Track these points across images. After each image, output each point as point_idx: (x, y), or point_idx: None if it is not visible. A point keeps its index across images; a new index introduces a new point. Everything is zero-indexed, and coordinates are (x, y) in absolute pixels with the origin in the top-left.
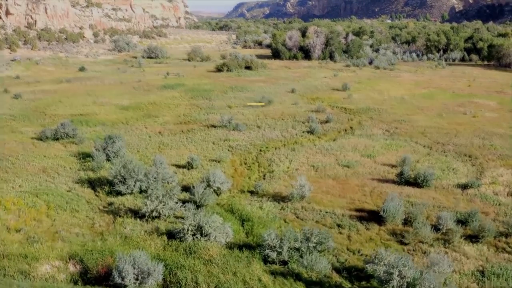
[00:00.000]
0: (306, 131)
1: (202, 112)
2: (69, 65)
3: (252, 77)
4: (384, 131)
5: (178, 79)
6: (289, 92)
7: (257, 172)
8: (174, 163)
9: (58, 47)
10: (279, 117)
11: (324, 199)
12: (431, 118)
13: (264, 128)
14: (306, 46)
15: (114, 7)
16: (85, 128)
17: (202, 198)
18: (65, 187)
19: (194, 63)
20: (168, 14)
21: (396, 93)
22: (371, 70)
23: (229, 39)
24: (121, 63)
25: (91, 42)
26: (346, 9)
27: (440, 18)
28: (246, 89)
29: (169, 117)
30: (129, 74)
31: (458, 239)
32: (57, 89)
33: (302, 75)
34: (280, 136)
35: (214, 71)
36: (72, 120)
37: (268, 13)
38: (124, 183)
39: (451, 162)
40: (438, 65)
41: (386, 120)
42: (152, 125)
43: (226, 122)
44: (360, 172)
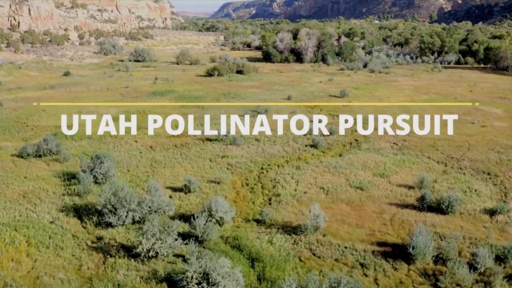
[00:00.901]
0: (309, 145)
1: (196, 122)
2: (53, 69)
3: (244, 82)
4: (392, 144)
5: (167, 84)
6: (285, 99)
7: (262, 196)
8: (169, 185)
9: (42, 50)
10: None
11: (341, 230)
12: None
13: (264, 141)
14: (298, 48)
15: (99, 8)
16: (70, 142)
17: (204, 232)
18: (48, 217)
19: (183, 67)
20: (154, 14)
21: (396, 100)
22: (366, 74)
23: (217, 40)
24: (107, 66)
25: (76, 44)
26: (333, 9)
27: (428, 18)
28: (239, 95)
29: (160, 128)
30: (116, 79)
31: (500, 281)
32: (40, 96)
33: (296, 79)
34: (282, 151)
35: (204, 76)
36: (56, 133)
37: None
38: (114, 213)
39: (471, 182)
40: (434, 69)
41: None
42: (142, 138)
43: (223, 135)
44: (375, 196)
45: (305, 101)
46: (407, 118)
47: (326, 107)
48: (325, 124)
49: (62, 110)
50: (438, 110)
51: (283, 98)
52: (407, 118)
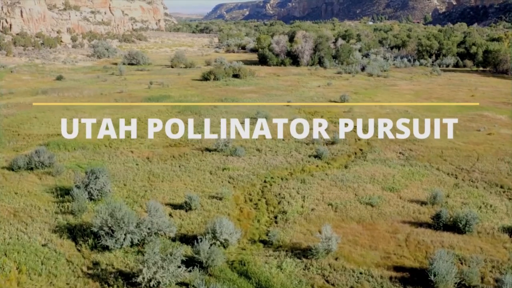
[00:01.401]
0: (313, 155)
1: (193, 131)
2: (45, 73)
3: (241, 86)
4: (398, 154)
5: (162, 89)
6: (285, 106)
7: (267, 213)
8: (168, 201)
9: (35, 53)
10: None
11: (354, 253)
12: (444, 137)
13: (265, 151)
14: (295, 51)
15: (92, 10)
16: (63, 153)
17: (209, 257)
18: (40, 239)
19: (178, 70)
20: (148, 16)
21: (397, 105)
22: (365, 77)
23: (211, 42)
24: (101, 70)
25: (69, 47)
26: (327, 11)
27: (423, 20)
28: (237, 101)
29: (157, 137)
30: (109, 84)
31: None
32: (32, 101)
33: (293, 83)
34: (285, 162)
35: (200, 80)
36: (48, 143)
37: (247, 15)
38: (111, 235)
39: (485, 197)
40: (433, 72)
41: (397, 140)
42: (138, 147)
43: (222, 145)
44: (386, 213)
45: (305, 107)
46: (407, 122)
47: (327, 113)
48: (327, 131)
49: (54, 118)
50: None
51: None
52: (407, 122)
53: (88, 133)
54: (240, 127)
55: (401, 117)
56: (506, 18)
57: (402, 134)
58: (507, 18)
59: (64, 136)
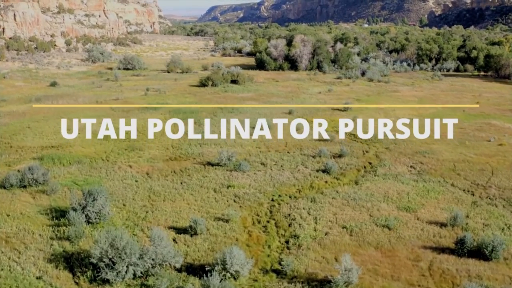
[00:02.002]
0: (321, 169)
1: (193, 143)
2: (39, 78)
3: (240, 93)
4: (409, 168)
5: (159, 96)
6: (287, 114)
7: (277, 237)
8: (171, 224)
9: (28, 57)
10: (283, 149)
11: (375, 285)
12: (454, 148)
13: (271, 166)
14: (293, 56)
15: (87, 13)
16: (58, 168)
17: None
18: (35, 271)
19: (174, 75)
20: (142, 19)
21: (402, 113)
22: (365, 83)
23: (207, 45)
24: (96, 75)
25: (63, 51)
26: (322, 13)
27: (418, 22)
28: (237, 109)
29: (156, 150)
30: (105, 90)
31: None
32: (25, 110)
33: (293, 90)
34: (292, 178)
35: (197, 86)
36: (42, 156)
37: (242, 17)
38: (112, 267)
39: (506, 217)
40: (434, 77)
41: (406, 152)
42: (137, 161)
43: (226, 159)
44: (405, 237)
45: (308, 115)
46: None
47: (331, 123)
48: (334, 143)
49: (49, 128)
50: None
51: (284, 112)
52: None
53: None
54: (243, 136)
55: (406, 125)
56: (502, 20)
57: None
58: (504, 20)
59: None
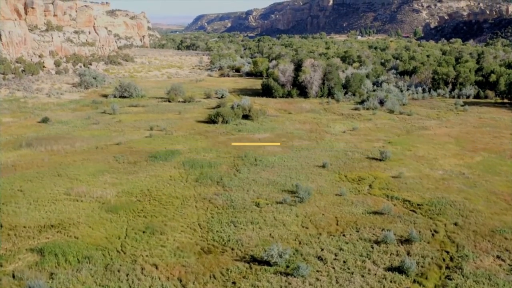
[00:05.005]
0: (394, 267)
1: (224, 219)
2: (28, 110)
3: (256, 133)
4: (497, 260)
5: (166, 138)
6: (319, 167)
7: None
8: None
9: (15, 82)
10: (336, 229)
11: None
12: None
13: (331, 263)
14: (302, 81)
15: (76, 30)
16: (64, 270)
17: None
18: None
19: (177, 106)
20: (132, 32)
21: (447, 163)
22: (387, 115)
23: (201, 62)
24: (90, 105)
25: (53, 73)
26: (313, 24)
27: (413, 34)
28: (261, 161)
29: (182, 232)
30: (103, 128)
31: None
32: (15, 161)
33: (313, 127)
34: (365, 285)
35: (205, 122)
36: (43, 249)
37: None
38: None
39: None
40: (457, 106)
41: (481, 230)
42: (162, 255)
43: (276, 256)
44: None
45: (343, 168)
46: (462, 183)
47: (375, 181)
48: (393, 217)
49: (45, 192)
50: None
51: (316, 165)
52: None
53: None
54: (282, 210)
55: (461, 183)
56: (502, 34)
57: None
58: (503, 34)
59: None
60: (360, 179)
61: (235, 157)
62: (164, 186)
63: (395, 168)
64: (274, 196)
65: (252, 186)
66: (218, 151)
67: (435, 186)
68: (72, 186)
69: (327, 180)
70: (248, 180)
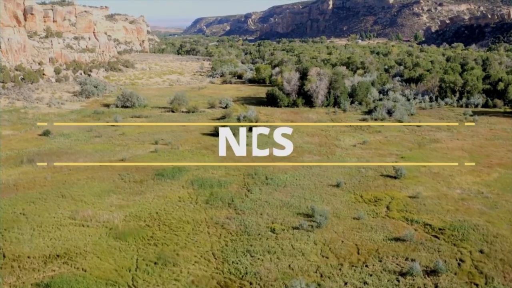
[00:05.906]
0: None
1: (239, 248)
2: (29, 121)
3: None
4: None
5: (172, 153)
6: (333, 186)
7: None
8: None
9: (15, 91)
10: (357, 259)
11: None
12: None
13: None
14: (308, 90)
15: (76, 36)
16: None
17: None
18: None
19: (181, 117)
20: (132, 37)
21: (464, 180)
22: (396, 126)
23: (201, 67)
24: (92, 116)
25: (53, 81)
26: (313, 27)
27: (413, 38)
28: (272, 180)
29: (196, 264)
30: (106, 142)
31: None
32: (17, 179)
33: (322, 140)
34: None
35: (212, 134)
36: (49, 283)
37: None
38: None
39: None
40: (466, 116)
41: (509, 259)
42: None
43: None
44: None
45: (358, 187)
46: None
47: (392, 202)
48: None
49: (49, 215)
50: None
51: (330, 185)
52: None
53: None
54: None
55: (481, 204)
56: (504, 38)
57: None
58: (505, 38)
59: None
60: (376, 200)
61: (244, 174)
62: (173, 208)
63: (411, 187)
64: (290, 221)
65: (266, 209)
66: (226, 168)
67: (454, 207)
68: (77, 209)
69: (342, 201)
70: (260, 201)
